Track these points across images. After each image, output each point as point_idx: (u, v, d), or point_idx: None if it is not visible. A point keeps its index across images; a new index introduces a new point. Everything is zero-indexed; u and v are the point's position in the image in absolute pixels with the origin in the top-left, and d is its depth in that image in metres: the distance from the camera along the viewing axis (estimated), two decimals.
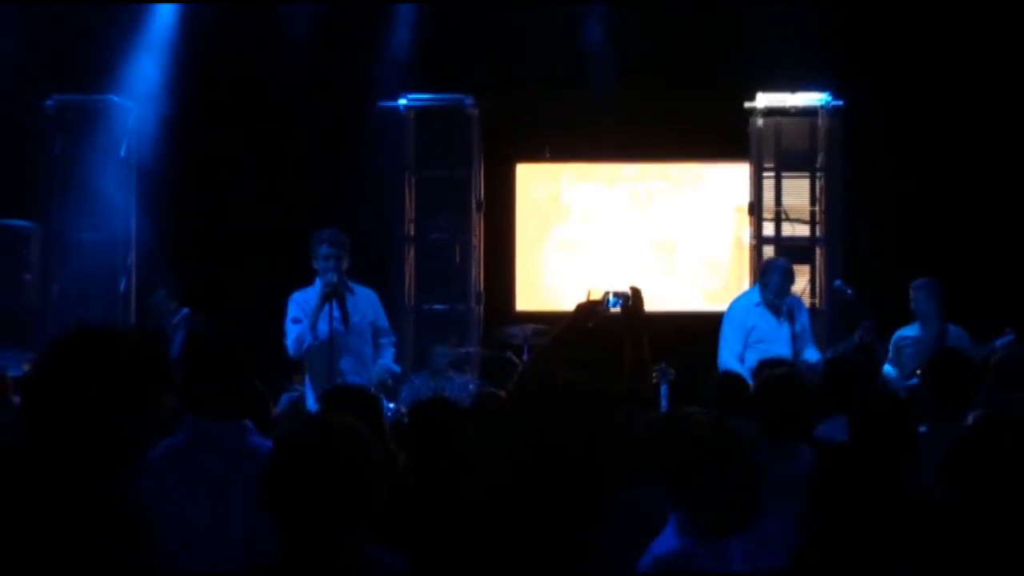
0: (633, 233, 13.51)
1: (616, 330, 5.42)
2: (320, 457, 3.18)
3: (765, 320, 10.37)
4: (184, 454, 4.51)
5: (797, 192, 12.55)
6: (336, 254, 9.19)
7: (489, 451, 5.36)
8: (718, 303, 13.38)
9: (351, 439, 3.22)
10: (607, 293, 5.57)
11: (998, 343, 10.19)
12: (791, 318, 10.36)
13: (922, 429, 6.46)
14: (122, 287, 12.39)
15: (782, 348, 10.09)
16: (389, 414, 9.88)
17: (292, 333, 9.34)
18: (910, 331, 10.72)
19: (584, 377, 4.62)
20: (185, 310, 10.51)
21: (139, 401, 3.04)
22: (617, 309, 5.51)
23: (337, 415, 3.40)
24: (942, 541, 3.56)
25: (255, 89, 12.77)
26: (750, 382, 7.15)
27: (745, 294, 10.97)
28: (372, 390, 7.56)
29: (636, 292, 5.51)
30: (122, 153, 12.40)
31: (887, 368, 10.45)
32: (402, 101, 12.97)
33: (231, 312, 10.65)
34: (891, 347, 10.70)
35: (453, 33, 13.07)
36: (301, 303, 9.36)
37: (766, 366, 7.57)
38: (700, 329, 12.71)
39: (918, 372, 10.37)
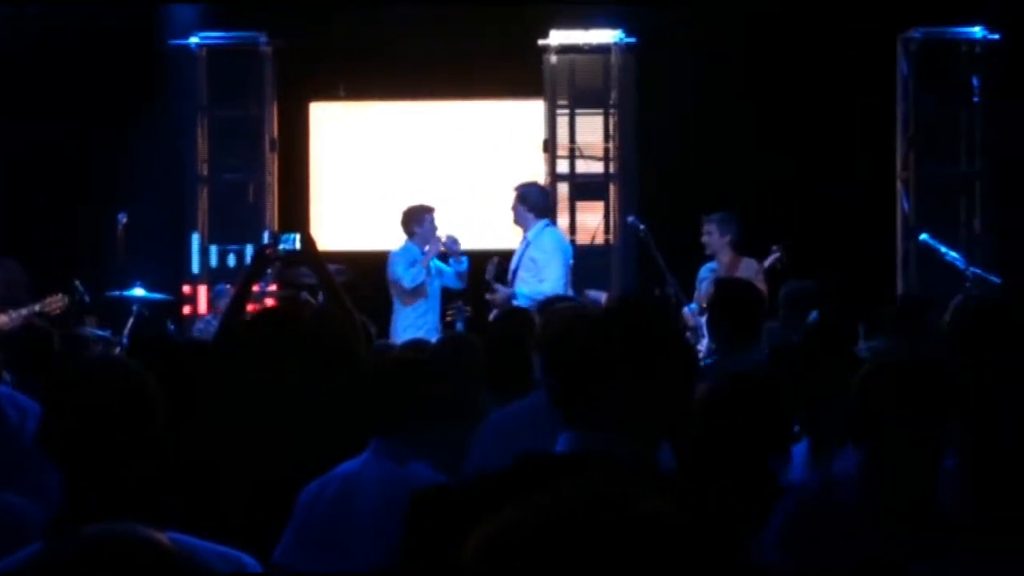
0: (431, 172, 13.48)
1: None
2: (96, 398, 3.07)
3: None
4: None
5: (591, 129, 12.67)
6: None
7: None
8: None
9: (126, 379, 3.13)
10: (277, 235, 6.71)
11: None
12: None
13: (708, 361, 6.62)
14: None
15: None
16: None
17: None
18: (712, 265, 10.83)
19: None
20: None
21: None
22: (296, 246, 6.39)
23: (112, 356, 3.32)
24: None
25: (43, 31, 12.42)
26: None
27: None
28: None
29: (306, 234, 6.48)
30: None
31: (691, 306, 10.46)
32: (194, 39, 12.72)
33: (27, 254, 10.44)
34: (696, 282, 10.78)
35: None
36: None
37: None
38: None
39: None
